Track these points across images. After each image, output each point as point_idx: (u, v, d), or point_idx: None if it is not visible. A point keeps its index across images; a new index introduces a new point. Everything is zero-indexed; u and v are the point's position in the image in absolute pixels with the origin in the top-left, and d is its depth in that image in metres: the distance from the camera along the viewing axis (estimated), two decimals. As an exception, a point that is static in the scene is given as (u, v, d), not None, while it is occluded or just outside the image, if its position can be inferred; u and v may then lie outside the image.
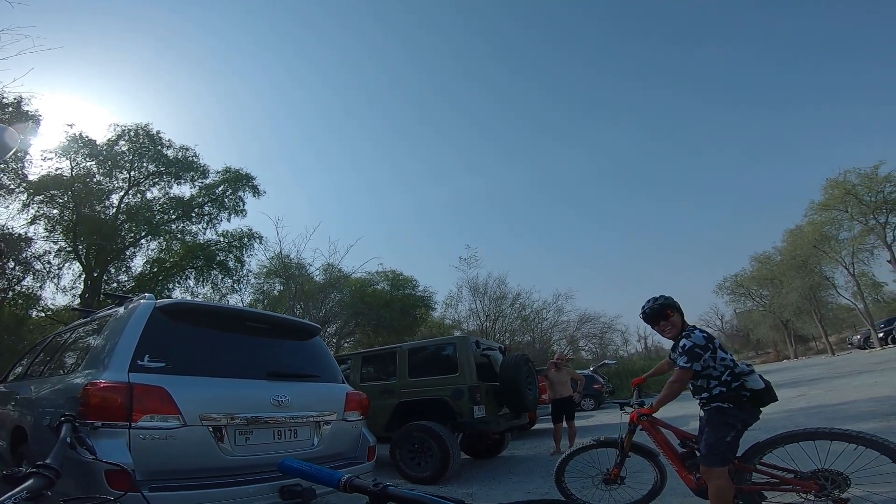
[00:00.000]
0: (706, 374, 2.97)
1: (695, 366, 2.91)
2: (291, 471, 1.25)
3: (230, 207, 18.30)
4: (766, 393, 2.91)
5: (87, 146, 16.09)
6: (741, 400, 2.90)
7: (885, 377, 11.28)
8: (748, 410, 2.92)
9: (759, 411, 2.97)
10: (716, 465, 2.84)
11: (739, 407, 2.90)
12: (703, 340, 2.95)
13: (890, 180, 25.26)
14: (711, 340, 2.98)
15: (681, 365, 2.95)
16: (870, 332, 28.46)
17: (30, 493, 0.88)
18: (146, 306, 2.88)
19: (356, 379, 7.03)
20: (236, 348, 3.18)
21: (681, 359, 2.96)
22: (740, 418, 2.89)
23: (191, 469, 2.55)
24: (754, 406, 2.93)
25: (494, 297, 24.76)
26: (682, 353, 2.96)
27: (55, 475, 0.95)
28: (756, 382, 2.90)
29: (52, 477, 0.94)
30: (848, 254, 29.54)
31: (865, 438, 2.76)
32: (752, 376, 2.92)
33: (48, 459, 0.99)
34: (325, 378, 3.66)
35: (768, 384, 2.94)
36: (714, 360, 2.95)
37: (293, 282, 18.02)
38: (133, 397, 2.40)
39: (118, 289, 15.93)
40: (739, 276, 42.88)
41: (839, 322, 41.22)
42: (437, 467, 5.71)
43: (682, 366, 2.94)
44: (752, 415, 2.95)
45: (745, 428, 2.94)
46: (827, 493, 2.83)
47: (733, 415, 2.89)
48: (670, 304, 3.18)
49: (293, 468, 1.24)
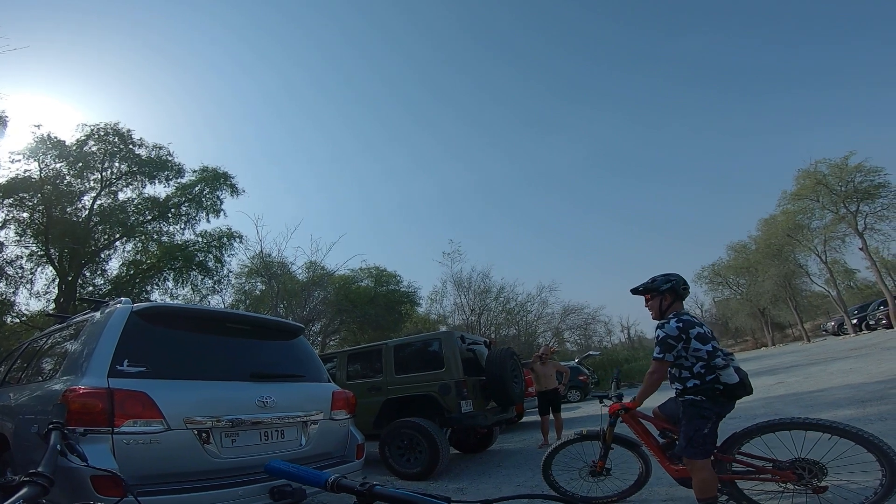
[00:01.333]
0: (678, 364, 2.97)
1: (667, 356, 2.91)
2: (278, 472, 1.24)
3: (208, 207, 17.98)
4: (740, 387, 2.90)
5: (56, 147, 15.61)
6: (714, 393, 2.88)
7: (860, 363, 11.63)
8: (721, 403, 2.91)
9: (733, 403, 2.98)
10: (697, 458, 2.85)
11: (713, 400, 2.89)
12: (676, 331, 2.92)
13: (860, 170, 25.96)
14: (686, 330, 2.92)
15: (654, 356, 2.98)
16: (843, 319, 29.36)
17: (25, 501, 0.88)
18: (123, 310, 2.82)
19: (342, 377, 6.99)
20: (218, 350, 3.14)
21: (655, 349, 2.98)
22: (714, 410, 2.89)
23: (178, 473, 2.52)
24: (728, 399, 2.93)
25: (479, 291, 24.85)
26: (656, 343, 2.98)
27: (49, 483, 0.96)
28: (730, 377, 2.87)
29: (46, 485, 0.95)
30: (820, 242, 30.36)
31: (839, 429, 2.84)
32: (726, 370, 2.88)
33: (40, 467, 0.99)
34: (310, 377, 3.63)
35: (743, 378, 2.92)
36: (687, 350, 2.92)
37: (275, 281, 17.80)
38: (114, 402, 2.35)
39: (94, 293, 15.55)
40: (717, 265, 43.79)
41: (814, 309, 42.45)
42: (426, 463, 5.72)
43: (655, 356, 2.96)
44: (726, 407, 2.95)
45: (721, 418, 2.94)
46: (805, 482, 2.89)
47: (707, 407, 2.88)
48: (651, 289, 3.19)
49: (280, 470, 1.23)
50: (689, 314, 3.07)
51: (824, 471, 2.89)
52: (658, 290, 3.15)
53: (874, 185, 25.78)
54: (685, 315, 3.02)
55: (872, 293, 34.49)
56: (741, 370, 2.94)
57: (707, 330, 2.99)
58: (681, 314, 3.03)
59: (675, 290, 3.13)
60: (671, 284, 3.13)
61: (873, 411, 5.94)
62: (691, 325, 2.93)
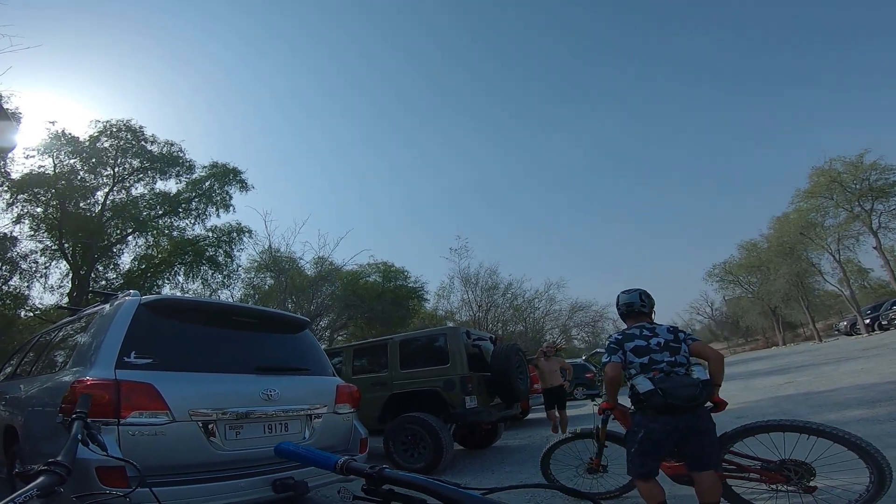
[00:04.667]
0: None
1: (612, 358, 2.95)
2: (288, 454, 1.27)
3: (218, 202, 18.13)
4: (653, 394, 2.67)
5: (70, 143, 15.84)
6: (641, 405, 2.81)
7: (871, 364, 11.47)
8: (650, 416, 2.73)
9: (668, 417, 2.69)
10: (631, 475, 2.89)
11: (641, 412, 2.83)
12: (614, 343, 3.03)
13: (875, 168, 25.56)
14: (622, 343, 2.98)
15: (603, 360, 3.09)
16: (856, 319, 28.91)
17: (42, 490, 0.89)
18: (131, 303, 2.86)
19: (348, 372, 7.04)
20: (224, 343, 3.18)
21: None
22: (643, 424, 2.76)
23: (182, 464, 2.55)
24: (656, 412, 2.70)
25: (486, 287, 24.78)
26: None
27: (66, 472, 0.96)
28: (642, 384, 2.73)
29: (64, 474, 0.95)
30: (834, 240, 29.91)
31: (823, 431, 2.85)
32: (637, 377, 2.79)
33: (59, 457, 1.00)
34: (314, 371, 3.66)
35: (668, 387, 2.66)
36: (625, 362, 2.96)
37: (284, 276, 17.93)
38: (121, 394, 2.39)
39: (106, 286, 15.76)
40: (728, 264, 43.31)
41: (826, 308, 41.87)
42: (430, 458, 5.74)
43: (603, 360, 3.06)
44: (657, 421, 2.71)
45: (653, 436, 2.73)
46: (794, 482, 2.90)
47: (636, 421, 2.86)
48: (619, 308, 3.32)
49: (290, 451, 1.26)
50: (640, 327, 3.04)
51: (812, 471, 2.89)
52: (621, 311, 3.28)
53: (889, 184, 25.38)
54: (633, 329, 3.05)
55: (886, 293, 33.88)
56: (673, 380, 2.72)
57: (656, 341, 2.92)
58: (628, 328, 3.09)
59: (619, 309, 3.27)
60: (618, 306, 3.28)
61: (883, 412, 5.87)
62: (630, 339, 2.98)
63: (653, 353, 2.88)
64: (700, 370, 2.87)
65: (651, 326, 3.06)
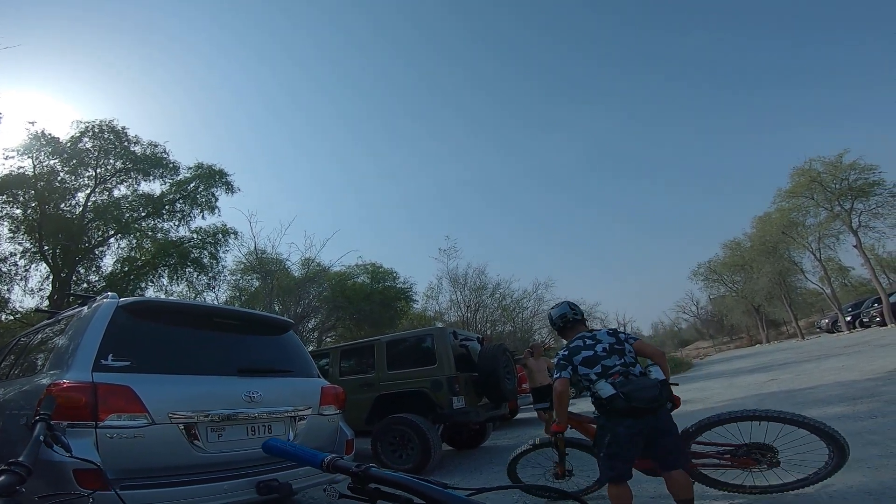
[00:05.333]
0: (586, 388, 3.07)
1: (563, 374, 3.01)
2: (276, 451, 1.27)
3: (203, 204, 17.90)
4: (616, 398, 2.75)
5: (50, 144, 15.53)
6: (605, 409, 2.88)
7: (852, 361, 11.68)
8: (615, 420, 2.82)
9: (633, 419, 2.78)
10: (604, 480, 2.94)
11: (606, 416, 2.89)
12: (563, 359, 3.07)
13: (854, 168, 26.08)
14: (570, 358, 3.03)
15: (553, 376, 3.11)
16: (837, 316, 29.51)
17: (2, 489, 0.90)
18: (109, 305, 2.82)
19: (335, 373, 7.00)
20: (205, 345, 3.14)
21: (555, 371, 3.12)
22: (609, 428, 2.85)
23: (163, 467, 2.52)
24: (621, 415, 2.78)
25: (474, 287, 24.85)
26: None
27: (27, 472, 0.97)
28: (603, 389, 2.82)
29: (24, 474, 0.97)
30: (814, 239, 30.49)
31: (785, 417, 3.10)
32: (598, 383, 2.87)
33: (21, 458, 1.01)
34: (298, 373, 3.63)
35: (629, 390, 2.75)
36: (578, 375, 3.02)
37: (270, 277, 17.77)
38: (98, 396, 2.36)
39: (88, 289, 15.49)
40: (712, 263, 43.95)
41: (808, 306, 42.66)
42: (418, 459, 5.73)
43: (554, 376, 3.09)
44: (623, 423, 2.79)
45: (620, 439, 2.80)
46: (763, 462, 3.13)
47: (602, 425, 2.94)
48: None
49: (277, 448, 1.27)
50: (581, 337, 3.13)
51: (775, 450, 3.11)
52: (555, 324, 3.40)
53: (868, 183, 25.91)
54: (575, 341, 3.13)
55: (866, 291, 34.64)
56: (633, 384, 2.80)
57: (602, 346, 3.02)
58: (572, 341, 3.16)
59: (555, 328, 3.40)
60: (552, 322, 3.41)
61: (863, 409, 5.97)
62: (576, 352, 3.05)
63: (602, 360, 2.96)
64: (657, 371, 2.93)
65: (591, 334, 3.16)
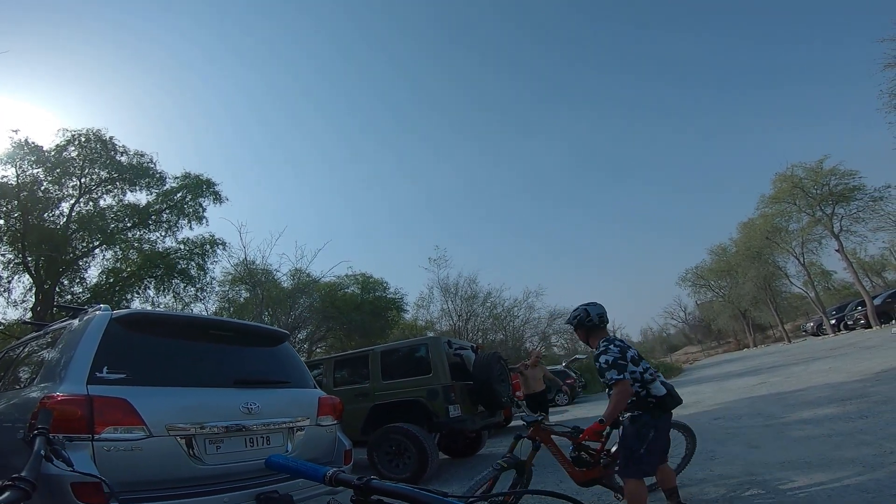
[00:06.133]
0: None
1: (625, 375, 3.04)
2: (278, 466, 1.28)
3: (190, 214, 17.72)
4: (668, 398, 3.12)
5: (34, 153, 15.28)
6: (649, 406, 3.10)
7: (839, 363, 11.87)
8: (658, 416, 3.11)
9: (668, 415, 3.19)
10: (630, 477, 3.06)
11: (650, 413, 3.10)
12: (619, 353, 3.10)
13: (835, 173, 26.65)
14: (625, 353, 3.14)
15: (614, 378, 3.02)
16: (822, 319, 30.01)
17: None
18: (102, 317, 2.76)
19: (329, 383, 6.93)
20: (201, 357, 3.09)
21: (612, 372, 3.04)
22: (652, 424, 3.09)
23: (162, 480, 2.47)
24: (662, 411, 3.13)
25: (466, 296, 24.89)
26: (609, 367, 3.06)
27: (31, 488, 0.96)
28: (658, 389, 3.11)
29: (28, 489, 0.96)
30: (798, 244, 31.06)
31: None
32: (654, 384, 3.13)
33: (24, 472, 0.99)
34: (295, 384, 3.59)
35: (670, 389, 3.17)
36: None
37: (260, 288, 17.60)
38: (94, 409, 2.30)
39: (72, 301, 15.21)
40: (699, 268, 44.51)
41: (793, 310, 43.36)
42: (415, 468, 5.68)
43: (616, 378, 3.01)
44: (662, 419, 3.15)
45: (661, 433, 3.14)
46: None
47: (645, 422, 3.08)
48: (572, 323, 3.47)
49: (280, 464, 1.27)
50: (614, 340, 3.27)
51: None
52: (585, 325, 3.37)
53: (849, 188, 26.46)
54: (617, 340, 3.24)
55: (850, 294, 35.33)
56: (667, 383, 3.22)
57: (632, 353, 3.22)
58: (613, 340, 3.22)
59: (582, 323, 3.37)
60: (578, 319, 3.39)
61: (853, 409, 6.07)
62: (626, 349, 3.19)
63: (642, 363, 3.21)
64: (660, 376, 3.26)
65: (620, 340, 3.32)
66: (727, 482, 4.04)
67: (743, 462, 4.59)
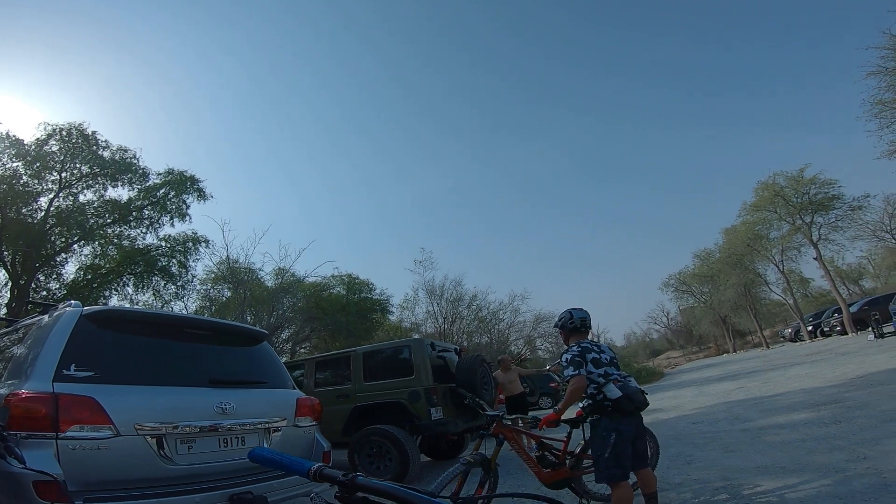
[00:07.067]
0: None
1: (581, 371, 3.18)
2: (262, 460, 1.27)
3: (173, 211, 17.44)
4: (625, 400, 3.07)
5: (14, 146, 14.95)
6: (606, 410, 3.12)
7: (815, 369, 12.10)
8: (616, 419, 3.10)
9: (631, 419, 3.14)
10: (608, 482, 3.09)
11: (609, 417, 3.12)
12: (578, 353, 3.26)
13: (815, 182, 27.22)
14: (583, 355, 3.24)
15: (570, 374, 3.22)
16: (800, 326, 30.59)
17: None
18: (72, 314, 2.69)
19: (310, 384, 6.86)
20: (175, 356, 3.04)
21: (569, 369, 3.23)
22: (611, 427, 3.09)
23: (130, 479, 2.42)
24: (622, 414, 3.09)
25: (451, 299, 24.83)
26: (567, 364, 3.26)
27: None
28: (611, 392, 3.09)
29: None
30: (778, 252, 31.63)
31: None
32: (607, 386, 3.13)
33: None
34: (273, 384, 3.54)
35: (631, 393, 3.11)
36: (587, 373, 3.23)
37: (242, 287, 17.38)
38: (59, 407, 2.25)
39: (49, 297, 14.88)
40: (682, 274, 45.10)
41: (772, 316, 44.19)
42: (397, 470, 5.65)
43: (571, 374, 3.21)
44: (622, 423, 3.10)
45: (624, 437, 3.07)
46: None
47: (604, 426, 3.12)
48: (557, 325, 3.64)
49: (263, 457, 1.27)
50: (591, 343, 3.42)
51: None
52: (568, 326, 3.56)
53: (828, 197, 27.02)
54: (585, 343, 3.40)
55: (827, 301, 36.09)
56: (630, 387, 3.16)
57: (605, 356, 3.33)
58: (581, 342, 3.39)
59: (565, 325, 3.56)
60: (562, 322, 3.60)
61: (828, 414, 6.18)
62: (587, 351, 3.29)
63: (606, 367, 3.27)
64: (633, 380, 3.30)
65: (598, 344, 3.45)
66: (703, 486, 4.08)
67: (720, 467, 4.64)
